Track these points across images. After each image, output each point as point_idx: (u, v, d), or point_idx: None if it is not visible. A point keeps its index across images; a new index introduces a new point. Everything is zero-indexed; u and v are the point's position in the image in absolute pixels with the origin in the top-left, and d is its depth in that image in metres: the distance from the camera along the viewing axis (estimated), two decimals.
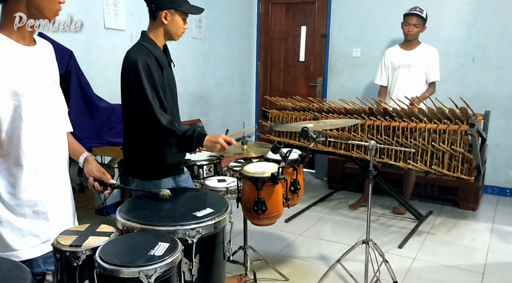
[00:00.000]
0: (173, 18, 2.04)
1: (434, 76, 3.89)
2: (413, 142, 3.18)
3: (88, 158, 1.63)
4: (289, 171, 1.94)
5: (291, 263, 3.07)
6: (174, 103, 2.16)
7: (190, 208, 1.47)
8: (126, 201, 1.60)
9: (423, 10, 3.83)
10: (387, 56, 4.07)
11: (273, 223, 1.90)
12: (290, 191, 1.94)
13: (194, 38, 4.67)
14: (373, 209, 4.21)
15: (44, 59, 1.52)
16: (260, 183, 1.72)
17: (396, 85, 3.96)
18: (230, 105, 5.42)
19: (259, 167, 1.81)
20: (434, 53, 3.90)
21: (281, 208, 1.80)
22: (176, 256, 1.16)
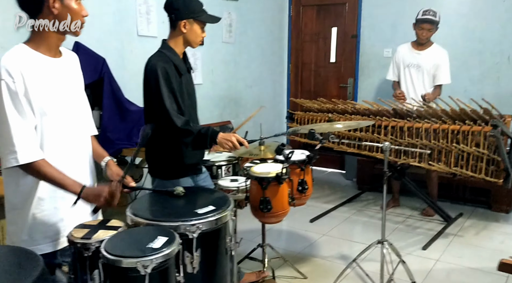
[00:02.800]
0: (191, 27, 2.17)
1: (442, 78, 3.83)
2: (435, 143, 3.16)
3: (109, 162, 1.79)
4: (296, 172, 2.02)
5: (312, 262, 3.13)
6: (192, 107, 2.30)
7: (194, 205, 1.59)
8: (138, 199, 1.75)
9: (436, 12, 3.76)
10: (399, 52, 4.06)
11: (279, 221, 1.99)
12: (298, 190, 2.02)
13: (224, 42, 4.81)
14: (401, 210, 4.20)
15: (69, 69, 1.68)
16: (265, 183, 1.82)
17: (403, 84, 3.95)
18: None
19: (266, 167, 1.91)
20: (443, 55, 3.84)
21: (287, 207, 1.89)
22: (172, 249, 1.28)
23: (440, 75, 3.84)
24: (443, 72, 3.84)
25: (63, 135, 1.58)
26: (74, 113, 1.64)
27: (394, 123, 3.41)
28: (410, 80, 3.95)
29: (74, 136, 1.63)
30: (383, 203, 2.62)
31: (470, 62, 4.59)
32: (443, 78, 3.85)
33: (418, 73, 3.90)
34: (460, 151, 3.11)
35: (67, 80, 1.64)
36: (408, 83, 3.96)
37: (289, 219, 4.16)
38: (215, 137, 2.00)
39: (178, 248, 1.34)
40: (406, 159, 3.31)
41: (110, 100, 3.02)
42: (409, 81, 3.96)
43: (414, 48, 3.95)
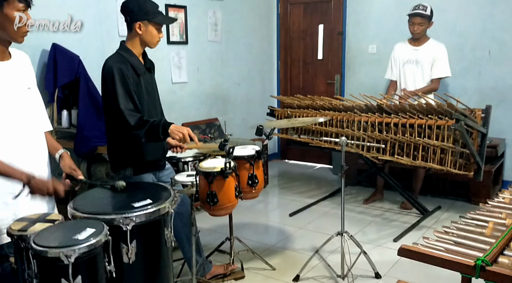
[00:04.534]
0: (147, 29, 2.27)
1: (438, 72, 3.86)
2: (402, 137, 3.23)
3: (63, 154, 1.91)
4: (246, 166, 2.12)
5: (283, 254, 3.23)
6: (153, 106, 2.40)
7: (132, 199, 1.70)
8: (82, 194, 1.86)
9: (426, 7, 3.79)
10: (396, 50, 4.09)
11: (227, 213, 2.09)
12: (248, 184, 2.12)
13: (210, 41, 4.91)
14: (382, 204, 4.27)
15: (18, 70, 1.80)
16: (211, 177, 1.92)
17: (404, 81, 3.99)
18: (251, 104, 5.62)
19: (213, 162, 2.01)
20: (441, 49, 3.87)
21: (233, 200, 1.98)
22: (96, 240, 1.39)
23: (436, 69, 3.87)
24: (440, 66, 3.86)
25: (13, 133, 1.70)
26: (25, 111, 1.75)
27: (366, 119, 3.47)
28: (410, 77, 3.97)
29: (25, 133, 1.75)
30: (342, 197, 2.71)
31: (452, 56, 4.57)
32: (440, 71, 3.88)
33: (417, 69, 3.93)
34: (429, 145, 3.16)
35: (16, 81, 1.75)
36: (408, 80, 3.99)
37: (269, 213, 4.30)
38: (167, 127, 2.10)
39: (106, 238, 1.45)
40: (374, 153, 3.37)
41: (86, 99, 3.14)
42: (409, 77, 3.98)
43: (412, 45, 3.99)
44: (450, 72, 3.92)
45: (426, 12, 3.79)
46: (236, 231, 3.58)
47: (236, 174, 2.01)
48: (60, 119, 3.31)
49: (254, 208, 4.28)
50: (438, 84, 3.91)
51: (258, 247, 3.31)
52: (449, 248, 1.37)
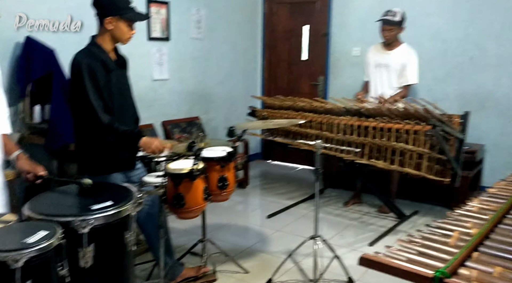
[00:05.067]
0: (117, 25, 2.21)
1: (408, 78, 3.87)
2: (380, 141, 3.21)
3: (19, 155, 1.84)
4: (216, 168, 2.08)
5: (258, 257, 3.19)
6: (125, 103, 2.34)
7: (92, 201, 1.65)
8: (41, 194, 1.80)
9: (395, 13, 3.78)
10: (369, 53, 4.11)
11: (195, 216, 2.05)
12: (217, 187, 2.08)
13: (193, 38, 4.85)
14: (361, 207, 4.26)
15: None
16: (178, 179, 1.87)
17: (374, 84, 4.00)
18: (234, 103, 5.57)
19: (182, 164, 1.96)
20: (412, 55, 3.88)
21: (201, 202, 1.94)
22: (48, 243, 1.34)
23: (406, 75, 3.87)
24: (410, 72, 3.87)
25: None
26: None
27: (345, 121, 3.45)
28: (379, 80, 3.98)
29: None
30: (317, 201, 2.68)
31: (434, 61, 4.63)
32: (410, 78, 3.88)
33: (387, 73, 3.94)
34: (405, 150, 3.16)
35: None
36: (377, 83, 4.00)
37: (248, 214, 4.26)
38: (137, 141, 2.06)
39: (59, 242, 1.40)
40: (352, 156, 3.36)
41: (60, 94, 3.07)
42: (378, 81, 4.00)
43: (384, 49, 3.99)
44: (417, 79, 3.92)
45: (395, 19, 3.77)
46: (213, 233, 3.55)
47: (205, 176, 1.96)
48: (32, 115, 3.22)
49: (233, 209, 4.24)
50: (408, 90, 3.92)
51: (233, 249, 3.27)
52: (411, 258, 1.34)
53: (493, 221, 1.57)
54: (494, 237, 1.49)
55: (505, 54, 4.24)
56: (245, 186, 4.89)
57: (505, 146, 4.38)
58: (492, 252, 1.38)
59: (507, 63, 4.25)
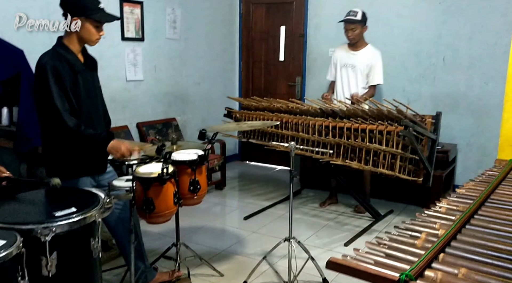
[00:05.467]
0: (84, 26, 2.16)
1: (374, 79, 3.93)
2: (354, 141, 3.23)
3: None
4: (187, 172, 2.05)
5: (233, 259, 3.17)
6: (93, 105, 2.28)
7: (56, 207, 1.60)
8: (2, 200, 1.73)
9: (356, 12, 3.85)
10: (336, 53, 4.15)
11: (166, 220, 2.02)
12: (189, 190, 2.05)
13: (168, 38, 4.79)
14: (337, 207, 4.28)
15: None
16: (147, 183, 1.83)
17: (340, 84, 4.04)
18: (211, 104, 5.52)
19: (151, 167, 1.93)
20: (376, 56, 3.93)
21: (172, 207, 1.90)
22: (6, 253, 1.29)
23: (372, 76, 3.92)
24: (376, 73, 3.93)
25: None
26: None
27: (320, 122, 3.46)
28: (346, 80, 4.02)
29: None
30: (290, 202, 2.68)
31: (408, 62, 4.69)
32: (376, 78, 3.93)
33: (353, 73, 3.98)
34: (379, 150, 3.18)
35: None
36: (344, 83, 4.04)
37: (224, 216, 4.23)
38: (105, 145, 2.01)
39: (18, 251, 1.35)
40: (327, 157, 3.37)
41: (28, 96, 2.98)
42: (345, 81, 4.04)
43: (350, 49, 4.03)
44: (382, 80, 3.98)
45: (356, 17, 3.83)
46: (189, 235, 3.51)
47: (175, 179, 1.93)
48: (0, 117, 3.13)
49: (210, 211, 4.21)
50: (375, 90, 3.98)
51: (209, 252, 3.24)
52: (379, 260, 1.34)
53: (460, 221, 1.59)
54: (460, 237, 1.51)
55: (476, 55, 4.32)
56: (223, 188, 4.86)
57: (477, 145, 4.47)
58: (458, 253, 1.40)
59: (478, 64, 4.33)
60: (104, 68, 4.14)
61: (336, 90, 4.07)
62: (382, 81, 4.00)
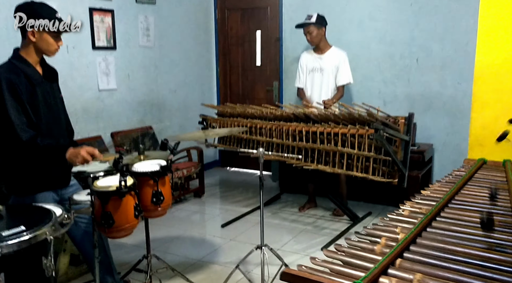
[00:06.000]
0: (41, 36, 2.11)
1: (342, 79, 3.95)
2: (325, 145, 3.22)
3: None
4: (150, 183, 2.00)
5: (209, 268, 3.12)
6: (53, 117, 2.22)
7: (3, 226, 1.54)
8: None
9: (311, 15, 3.91)
10: (302, 59, 4.17)
11: (127, 234, 1.97)
12: (152, 202, 2.00)
13: (141, 46, 4.74)
14: (315, 211, 4.26)
15: None
16: (105, 197, 1.78)
17: (310, 89, 4.05)
18: (189, 111, 5.47)
19: (110, 180, 1.88)
20: (342, 56, 3.97)
21: (132, 220, 1.85)
22: None
23: (340, 76, 3.94)
24: (343, 73, 3.95)
25: None
26: None
27: (293, 127, 3.44)
28: (316, 84, 4.04)
29: None
30: (261, 209, 2.64)
31: (383, 64, 4.71)
32: (344, 78, 3.96)
33: (322, 77, 3.99)
34: (352, 153, 3.17)
35: None
36: (314, 88, 4.05)
37: (202, 224, 4.18)
38: (63, 154, 1.96)
39: None
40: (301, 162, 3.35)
41: None
42: (314, 85, 4.04)
43: (316, 53, 4.06)
44: (352, 79, 4.01)
45: (311, 20, 3.88)
46: (165, 246, 3.46)
47: (135, 192, 1.88)
48: None
49: (188, 219, 4.16)
50: (343, 91, 4.00)
51: (184, 262, 3.19)
52: (335, 269, 1.31)
53: (420, 225, 1.57)
54: (420, 241, 1.49)
55: (448, 56, 4.35)
56: (201, 195, 4.81)
57: (453, 145, 4.49)
58: (416, 257, 1.38)
59: (450, 65, 4.36)
60: (74, 78, 4.09)
61: (307, 95, 4.07)
62: (352, 80, 4.02)
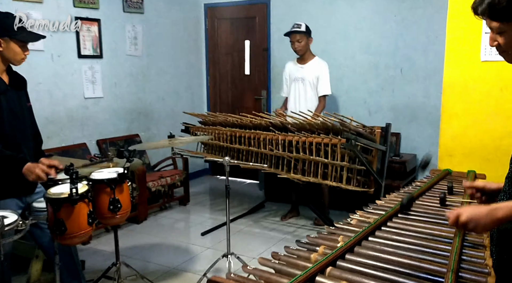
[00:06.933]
0: (8, 46, 2.15)
1: (322, 90, 3.97)
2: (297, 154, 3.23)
3: None
4: (106, 190, 2.03)
5: (182, 276, 3.14)
6: (18, 126, 2.25)
7: None
8: None
9: (301, 24, 3.95)
10: (286, 69, 4.21)
11: (80, 241, 1.98)
12: (109, 210, 2.02)
13: (129, 55, 4.80)
14: (297, 220, 4.27)
15: None
16: (57, 204, 1.81)
17: (293, 98, 4.08)
18: (178, 119, 5.48)
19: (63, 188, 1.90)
20: (323, 67, 3.99)
21: (85, 227, 1.87)
22: None
23: (320, 87, 3.97)
24: (323, 84, 3.97)
25: None
26: None
27: (270, 136, 3.47)
28: (298, 94, 4.07)
29: None
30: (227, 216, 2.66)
31: (368, 74, 4.73)
32: (323, 89, 3.97)
33: (303, 86, 4.03)
34: (328, 162, 3.18)
35: None
36: (296, 97, 4.08)
37: (182, 233, 4.18)
38: (20, 167, 2.00)
39: None
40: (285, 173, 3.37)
41: None
42: (297, 95, 4.08)
43: (298, 63, 4.10)
44: (330, 91, 4.02)
45: (301, 29, 3.91)
46: (142, 253, 3.48)
47: (89, 199, 1.90)
48: None
49: (170, 227, 4.19)
50: (325, 101, 4.02)
51: (158, 269, 3.20)
52: (264, 276, 1.32)
53: (361, 234, 1.58)
54: (358, 250, 1.50)
55: (431, 66, 4.37)
56: (186, 203, 4.83)
57: (437, 155, 4.47)
58: (348, 266, 1.38)
59: (434, 75, 4.37)
60: (59, 86, 4.15)
61: (289, 105, 4.10)
62: (330, 92, 4.03)
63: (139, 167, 3.86)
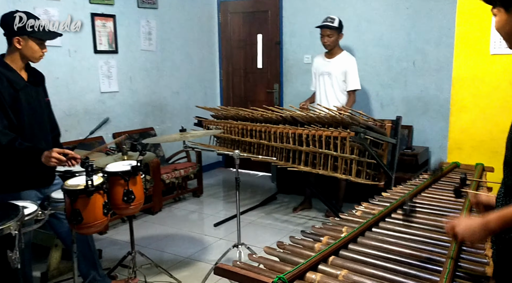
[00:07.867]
0: (26, 44, 2.24)
1: (351, 85, 3.95)
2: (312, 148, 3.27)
3: None
4: (121, 182, 2.11)
5: (194, 266, 3.22)
6: (37, 121, 2.35)
7: None
8: None
9: (334, 19, 3.89)
10: (314, 63, 4.19)
11: (96, 231, 2.07)
12: (123, 201, 2.11)
13: (143, 50, 4.89)
14: (308, 213, 4.32)
15: None
16: (74, 195, 1.90)
17: (319, 92, 4.08)
18: (192, 113, 5.57)
19: (80, 180, 1.99)
20: (351, 61, 3.96)
21: (101, 217, 1.96)
22: None
23: (349, 82, 3.96)
24: (351, 79, 3.95)
25: None
26: None
27: (281, 130, 3.51)
28: (323, 88, 4.05)
29: None
30: (237, 208, 2.72)
31: (380, 67, 4.73)
32: (351, 84, 3.97)
33: (329, 80, 4.01)
34: (337, 155, 3.22)
35: None
36: (321, 91, 4.08)
37: (196, 223, 4.27)
38: (39, 156, 2.09)
39: None
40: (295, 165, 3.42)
41: None
42: (322, 89, 4.07)
43: (326, 57, 4.08)
44: (359, 85, 4.00)
45: (334, 24, 3.89)
46: (156, 243, 3.59)
47: (104, 191, 1.99)
48: None
49: (184, 218, 4.28)
50: (354, 96, 4.00)
51: (172, 259, 3.29)
52: (269, 264, 1.39)
53: (365, 225, 1.63)
54: (361, 240, 1.55)
55: (443, 59, 4.35)
56: (199, 195, 4.92)
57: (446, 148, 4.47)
58: (350, 255, 1.44)
59: (447, 68, 4.35)
60: (76, 81, 4.26)
61: (316, 99, 4.10)
62: (359, 87, 4.02)
63: (153, 159, 3.95)
